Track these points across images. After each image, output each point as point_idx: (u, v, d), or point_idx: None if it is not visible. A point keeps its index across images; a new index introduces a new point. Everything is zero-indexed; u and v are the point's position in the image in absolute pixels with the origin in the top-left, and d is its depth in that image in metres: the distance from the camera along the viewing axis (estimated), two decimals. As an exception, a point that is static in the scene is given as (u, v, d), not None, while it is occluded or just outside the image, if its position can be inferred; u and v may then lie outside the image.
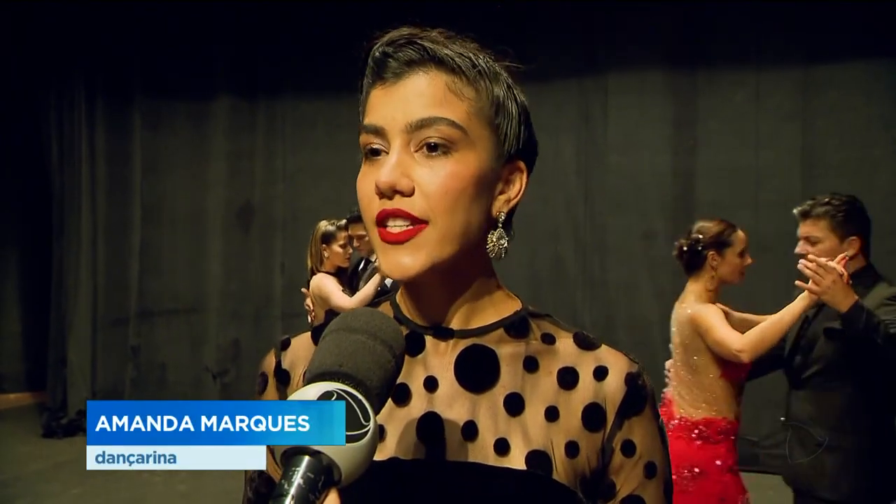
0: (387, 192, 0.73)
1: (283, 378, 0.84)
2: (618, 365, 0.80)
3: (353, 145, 0.79)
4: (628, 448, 0.79)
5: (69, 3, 6.18)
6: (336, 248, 4.01)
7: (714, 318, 2.56)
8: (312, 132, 6.08)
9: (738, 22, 5.27)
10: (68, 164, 6.45)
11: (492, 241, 0.79)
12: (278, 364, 0.85)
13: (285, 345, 0.86)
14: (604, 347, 0.82)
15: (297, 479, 0.56)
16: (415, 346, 0.81)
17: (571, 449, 0.77)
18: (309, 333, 0.86)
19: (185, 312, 6.37)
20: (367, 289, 3.80)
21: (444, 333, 0.81)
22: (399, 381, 0.78)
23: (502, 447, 0.76)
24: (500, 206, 0.80)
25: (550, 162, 5.56)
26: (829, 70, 5.12)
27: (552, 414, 0.78)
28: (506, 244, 0.80)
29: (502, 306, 0.84)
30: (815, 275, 2.27)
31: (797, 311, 2.42)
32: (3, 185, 7.28)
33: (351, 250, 4.10)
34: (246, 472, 0.85)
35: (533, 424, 0.77)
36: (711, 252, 2.60)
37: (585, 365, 0.80)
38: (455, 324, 0.81)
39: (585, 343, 0.82)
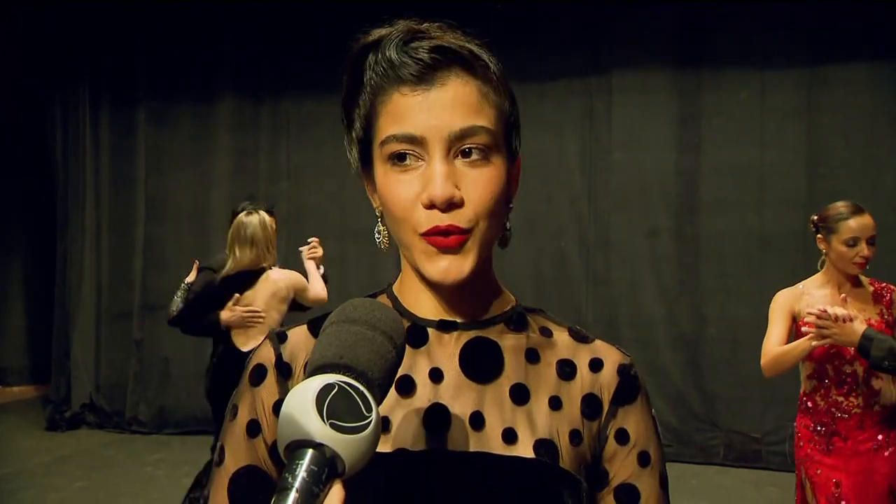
0: (442, 206, 0.73)
1: (284, 371, 0.82)
2: (611, 357, 0.84)
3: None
4: (622, 436, 0.81)
5: (73, 1, 6.19)
6: None
7: (774, 312, 2.55)
8: (316, 129, 6.07)
9: (743, 20, 5.25)
10: (73, 161, 6.47)
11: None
12: (279, 357, 0.83)
13: (283, 338, 0.85)
14: (598, 341, 0.85)
15: (301, 472, 0.56)
16: (417, 337, 0.82)
17: (575, 437, 0.79)
18: (305, 325, 0.85)
19: (188, 307, 6.36)
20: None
21: (448, 325, 0.82)
22: (403, 372, 0.79)
23: (510, 436, 0.77)
24: (509, 202, 0.82)
25: (554, 160, 5.56)
26: (833, 68, 5.11)
27: (556, 403, 0.79)
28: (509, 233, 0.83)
29: (502, 300, 0.86)
30: (819, 330, 2.31)
31: (805, 348, 2.41)
32: (8, 181, 7.31)
33: None
34: (218, 440, 0.84)
35: (538, 413, 0.78)
36: (819, 235, 2.54)
37: (582, 357, 0.83)
38: (460, 316, 0.82)
39: (580, 336, 0.85)
